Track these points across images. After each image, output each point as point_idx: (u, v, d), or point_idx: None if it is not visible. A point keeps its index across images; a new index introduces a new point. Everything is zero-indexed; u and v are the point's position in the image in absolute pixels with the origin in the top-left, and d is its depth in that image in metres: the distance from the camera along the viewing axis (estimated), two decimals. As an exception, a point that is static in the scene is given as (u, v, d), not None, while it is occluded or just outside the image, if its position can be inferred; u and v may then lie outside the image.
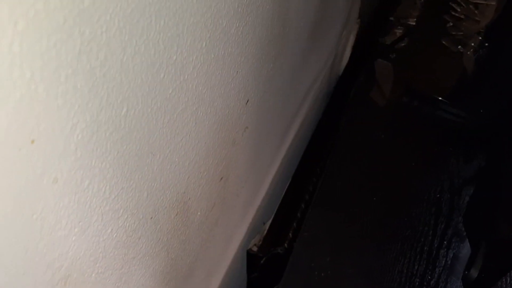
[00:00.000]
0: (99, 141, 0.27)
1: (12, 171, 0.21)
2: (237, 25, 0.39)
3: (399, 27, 1.04)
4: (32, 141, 0.21)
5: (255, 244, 0.78)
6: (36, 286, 0.27)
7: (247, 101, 0.49)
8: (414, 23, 1.04)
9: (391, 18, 1.05)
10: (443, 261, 0.73)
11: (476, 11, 1.04)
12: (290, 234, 0.82)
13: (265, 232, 0.79)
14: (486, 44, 1.01)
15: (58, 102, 0.22)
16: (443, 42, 1.01)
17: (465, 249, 0.75)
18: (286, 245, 0.81)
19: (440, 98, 0.91)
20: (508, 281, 0.70)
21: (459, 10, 1.05)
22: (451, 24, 1.04)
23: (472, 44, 1.02)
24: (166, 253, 0.43)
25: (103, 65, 0.24)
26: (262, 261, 0.79)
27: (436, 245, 0.75)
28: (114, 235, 0.33)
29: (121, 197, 0.32)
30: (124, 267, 0.36)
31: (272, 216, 0.81)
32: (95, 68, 0.24)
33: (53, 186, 0.24)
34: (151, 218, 0.37)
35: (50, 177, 0.24)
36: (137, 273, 0.39)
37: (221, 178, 0.50)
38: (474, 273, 0.66)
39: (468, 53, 1.00)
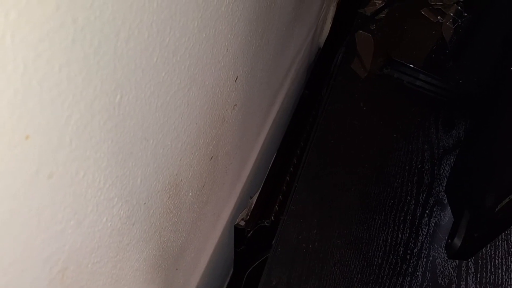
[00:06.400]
0: (93, 131, 0.25)
1: (8, 171, 0.20)
2: (227, 1, 0.37)
3: (379, -3, 1.02)
4: (27, 137, 0.20)
5: (242, 219, 0.78)
6: (35, 282, 0.26)
7: (236, 78, 0.48)
8: (394, -7, 1.03)
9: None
10: (426, 230, 0.75)
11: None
12: (276, 206, 0.83)
13: (252, 206, 0.79)
14: (465, 14, 1.01)
15: (52, 94, 0.21)
16: (423, 13, 1.01)
17: (447, 218, 0.76)
18: (272, 217, 0.81)
19: (420, 69, 0.92)
20: (492, 249, 0.72)
21: (439, -21, 1.04)
22: (431, -7, 1.03)
23: (451, 14, 1.01)
24: (159, 236, 0.43)
25: (96, 53, 0.23)
26: (248, 234, 0.79)
27: (418, 214, 0.77)
28: (109, 224, 0.32)
29: (116, 186, 0.31)
30: (119, 254, 0.36)
31: (259, 190, 0.81)
32: (89, 56, 0.22)
33: (48, 181, 0.23)
34: (145, 203, 0.36)
35: (45, 173, 0.23)
36: (131, 259, 0.38)
37: (211, 157, 0.50)
38: (457, 242, 0.68)
39: (448, 23, 1.00)
